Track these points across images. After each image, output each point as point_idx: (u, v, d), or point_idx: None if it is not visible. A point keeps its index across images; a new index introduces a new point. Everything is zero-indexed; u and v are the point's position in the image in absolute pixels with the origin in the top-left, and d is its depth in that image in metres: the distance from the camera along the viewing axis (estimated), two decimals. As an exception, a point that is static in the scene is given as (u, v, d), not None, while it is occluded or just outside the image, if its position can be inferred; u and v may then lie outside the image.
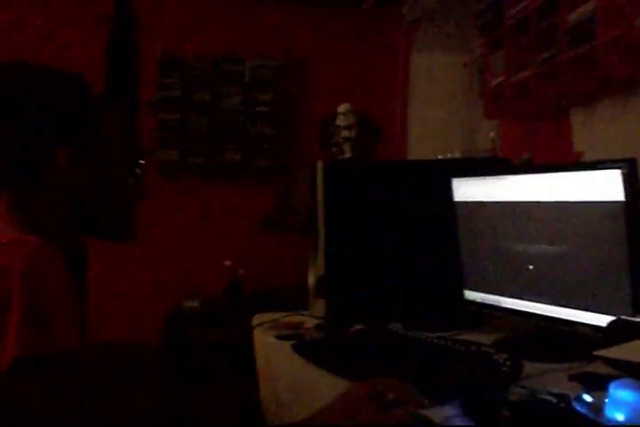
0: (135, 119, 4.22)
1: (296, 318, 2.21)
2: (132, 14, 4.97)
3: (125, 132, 1.39)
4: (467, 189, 2.00)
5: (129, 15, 4.97)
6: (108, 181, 1.34)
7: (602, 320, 1.46)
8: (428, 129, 4.31)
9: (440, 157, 2.74)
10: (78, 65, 4.32)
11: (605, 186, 1.50)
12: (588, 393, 1.20)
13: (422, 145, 4.31)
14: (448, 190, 2.05)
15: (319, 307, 2.19)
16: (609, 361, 1.03)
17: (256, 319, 2.27)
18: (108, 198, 1.35)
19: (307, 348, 1.81)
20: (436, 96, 4.28)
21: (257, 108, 5.13)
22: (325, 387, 1.49)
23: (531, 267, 1.76)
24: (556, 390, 1.26)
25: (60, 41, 4.93)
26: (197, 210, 5.15)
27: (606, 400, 1.15)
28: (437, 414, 1.19)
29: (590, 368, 1.42)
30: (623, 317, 1.33)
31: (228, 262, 4.77)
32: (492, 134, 3.26)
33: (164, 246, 5.04)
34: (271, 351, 1.86)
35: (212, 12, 5.14)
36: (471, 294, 2.02)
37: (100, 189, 1.33)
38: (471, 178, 1.99)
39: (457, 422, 1.19)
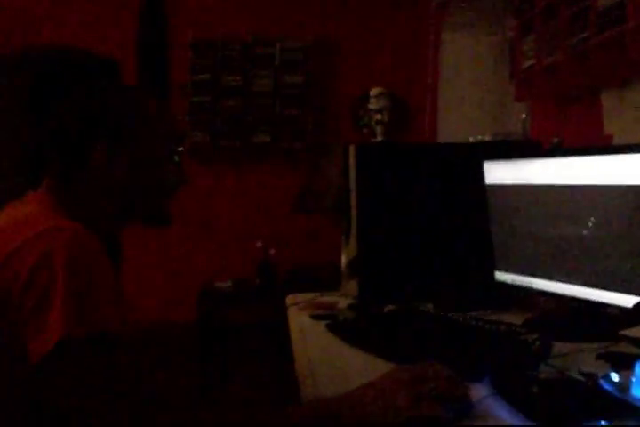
0: (167, 103, 4.27)
1: (329, 299, 2.24)
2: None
3: (163, 120, 1.42)
4: (498, 172, 2.02)
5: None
6: (147, 170, 1.37)
7: (630, 301, 1.48)
8: (458, 110, 4.31)
9: (471, 139, 2.75)
10: (110, 49, 4.39)
11: (635, 170, 1.51)
12: (615, 372, 1.23)
13: (453, 127, 4.31)
14: (479, 173, 2.07)
15: (352, 287, 2.22)
16: (633, 340, 1.06)
17: (289, 299, 2.31)
18: (146, 187, 1.39)
19: (340, 327, 1.84)
20: (466, 77, 4.27)
21: (287, 91, 5.16)
22: (359, 365, 1.53)
23: (561, 249, 1.78)
24: (584, 369, 1.29)
25: (93, 23, 4.98)
26: (229, 191, 5.20)
27: (633, 379, 1.18)
28: (474, 393, 1.22)
29: (618, 348, 1.45)
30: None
31: (259, 243, 4.81)
32: (524, 116, 3.26)
33: (197, 227, 5.10)
34: (306, 330, 1.90)
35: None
36: (502, 275, 2.04)
37: (139, 179, 1.36)
38: (502, 161, 2.01)
39: (490, 401, 1.22)
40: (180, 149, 1.45)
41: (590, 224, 1.68)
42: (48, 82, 1.34)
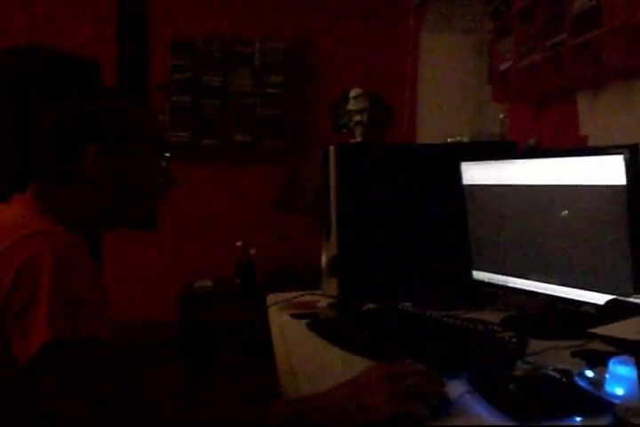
0: (148, 104, 4.23)
1: (309, 298, 2.25)
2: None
3: (151, 126, 1.43)
4: (475, 173, 2.05)
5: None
6: (135, 174, 1.38)
7: (604, 300, 1.51)
8: (436, 111, 4.34)
9: (449, 140, 2.78)
10: (90, 48, 4.37)
11: (608, 170, 1.55)
12: (589, 369, 1.26)
13: (431, 127, 4.34)
14: (457, 173, 2.10)
15: (332, 287, 2.24)
16: (602, 338, 1.10)
17: (270, 299, 2.32)
18: (134, 191, 1.39)
19: (321, 326, 1.86)
20: (445, 78, 4.30)
21: (267, 90, 5.17)
22: (339, 363, 1.55)
23: (536, 248, 1.81)
24: (559, 366, 1.31)
25: (72, 23, 4.96)
26: (209, 190, 5.20)
27: (606, 376, 1.21)
28: (452, 390, 1.24)
29: (592, 346, 1.47)
30: (619, 297, 1.39)
31: (239, 242, 4.82)
32: (502, 116, 3.30)
33: (177, 226, 5.09)
34: (287, 329, 1.92)
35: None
36: (479, 274, 2.07)
37: (127, 183, 1.37)
38: (479, 162, 2.04)
39: (468, 397, 1.25)
40: (167, 154, 1.46)
41: (565, 224, 1.71)
42: (32, 83, 1.34)
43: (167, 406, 1.14)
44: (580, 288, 1.67)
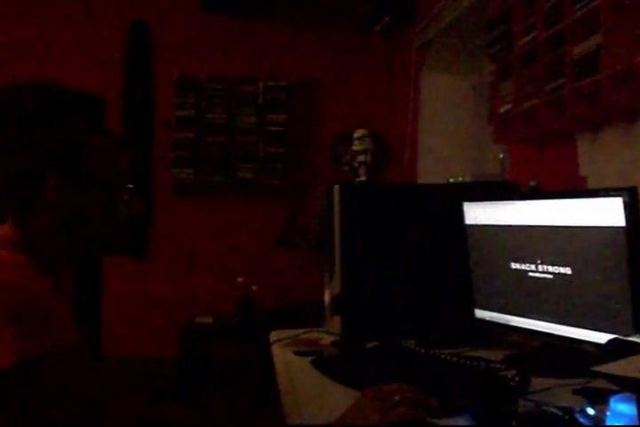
0: (149, 139, 4.27)
1: (313, 335, 2.28)
2: (148, 36, 5.09)
3: (120, 161, 1.44)
4: (477, 213, 2.08)
5: (145, 37, 5.09)
6: (93, 207, 1.39)
7: (604, 339, 1.53)
8: (437, 150, 4.38)
9: (451, 180, 2.81)
10: (96, 85, 4.41)
11: (607, 212, 1.58)
12: (590, 406, 1.27)
13: (432, 167, 4.37)
14: (459, 213, 2.14)
15: (335, 324, 2.26)
16: (605, 376, 1.12)
17: (273, 335, 2.33)
18: (92, 222, 1.40)
19: (325, 363, 1.88)
20: (445, 118, 4.35)
21: (270, 128, 5.22)
22: (343, 400, 1.55)
23: (537, 287, 1.84)
24: (561, 404, 1.33)
25: (79, 61, 5.04)
26: (211, 227, 5.23)
27: (607, 413, 1.22)
28: (452, 425, 1.27)
29: (593, 383, 1.49)
30: (620, 336, 1.42)
31: (240, 279, 4.83)
32: (502, 155, 3.34)
33: (179, 262, 5.12)
34: (291, 366, 1.93)
35: (227, 34, 5.25)
36: (481, 313, 2.10)
37: (85, 214, 1.38)
38: (481, 202, 2.08)
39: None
40: (131, 186, 1.47)
41: (565, 264, 1.74)
42: (38, 118, 1.38)
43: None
44: (580, 327, 1.70)
